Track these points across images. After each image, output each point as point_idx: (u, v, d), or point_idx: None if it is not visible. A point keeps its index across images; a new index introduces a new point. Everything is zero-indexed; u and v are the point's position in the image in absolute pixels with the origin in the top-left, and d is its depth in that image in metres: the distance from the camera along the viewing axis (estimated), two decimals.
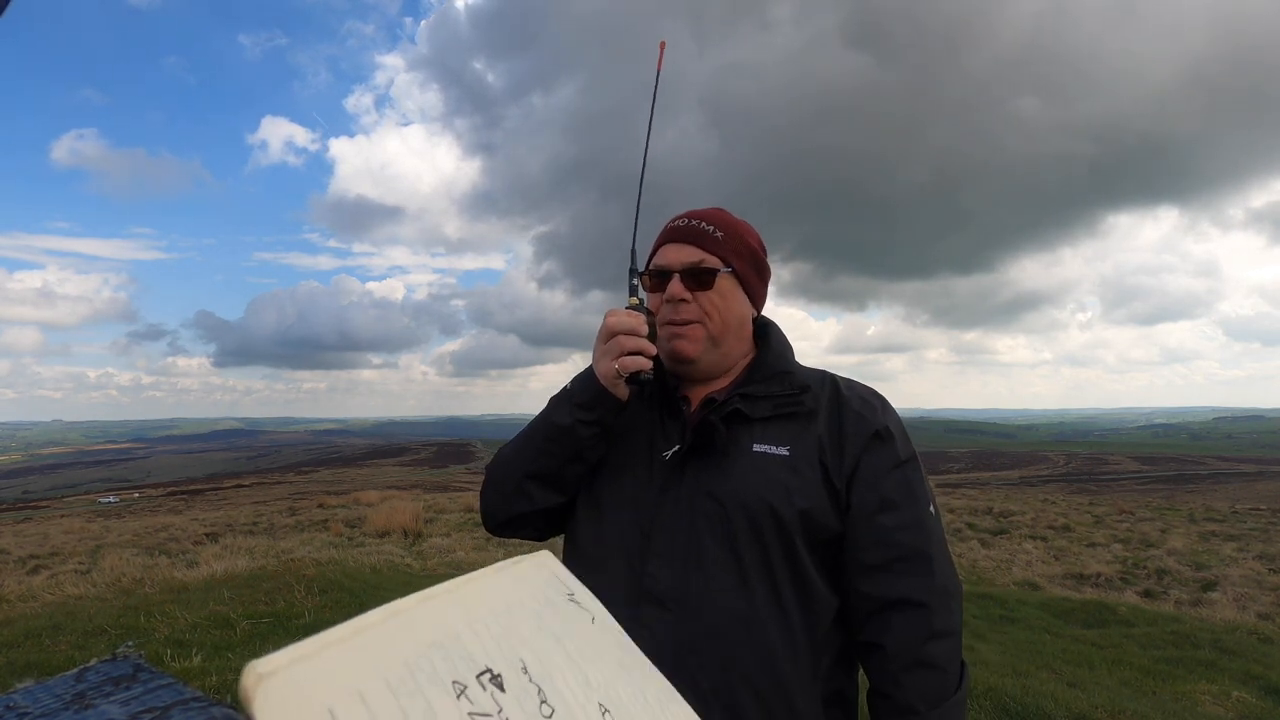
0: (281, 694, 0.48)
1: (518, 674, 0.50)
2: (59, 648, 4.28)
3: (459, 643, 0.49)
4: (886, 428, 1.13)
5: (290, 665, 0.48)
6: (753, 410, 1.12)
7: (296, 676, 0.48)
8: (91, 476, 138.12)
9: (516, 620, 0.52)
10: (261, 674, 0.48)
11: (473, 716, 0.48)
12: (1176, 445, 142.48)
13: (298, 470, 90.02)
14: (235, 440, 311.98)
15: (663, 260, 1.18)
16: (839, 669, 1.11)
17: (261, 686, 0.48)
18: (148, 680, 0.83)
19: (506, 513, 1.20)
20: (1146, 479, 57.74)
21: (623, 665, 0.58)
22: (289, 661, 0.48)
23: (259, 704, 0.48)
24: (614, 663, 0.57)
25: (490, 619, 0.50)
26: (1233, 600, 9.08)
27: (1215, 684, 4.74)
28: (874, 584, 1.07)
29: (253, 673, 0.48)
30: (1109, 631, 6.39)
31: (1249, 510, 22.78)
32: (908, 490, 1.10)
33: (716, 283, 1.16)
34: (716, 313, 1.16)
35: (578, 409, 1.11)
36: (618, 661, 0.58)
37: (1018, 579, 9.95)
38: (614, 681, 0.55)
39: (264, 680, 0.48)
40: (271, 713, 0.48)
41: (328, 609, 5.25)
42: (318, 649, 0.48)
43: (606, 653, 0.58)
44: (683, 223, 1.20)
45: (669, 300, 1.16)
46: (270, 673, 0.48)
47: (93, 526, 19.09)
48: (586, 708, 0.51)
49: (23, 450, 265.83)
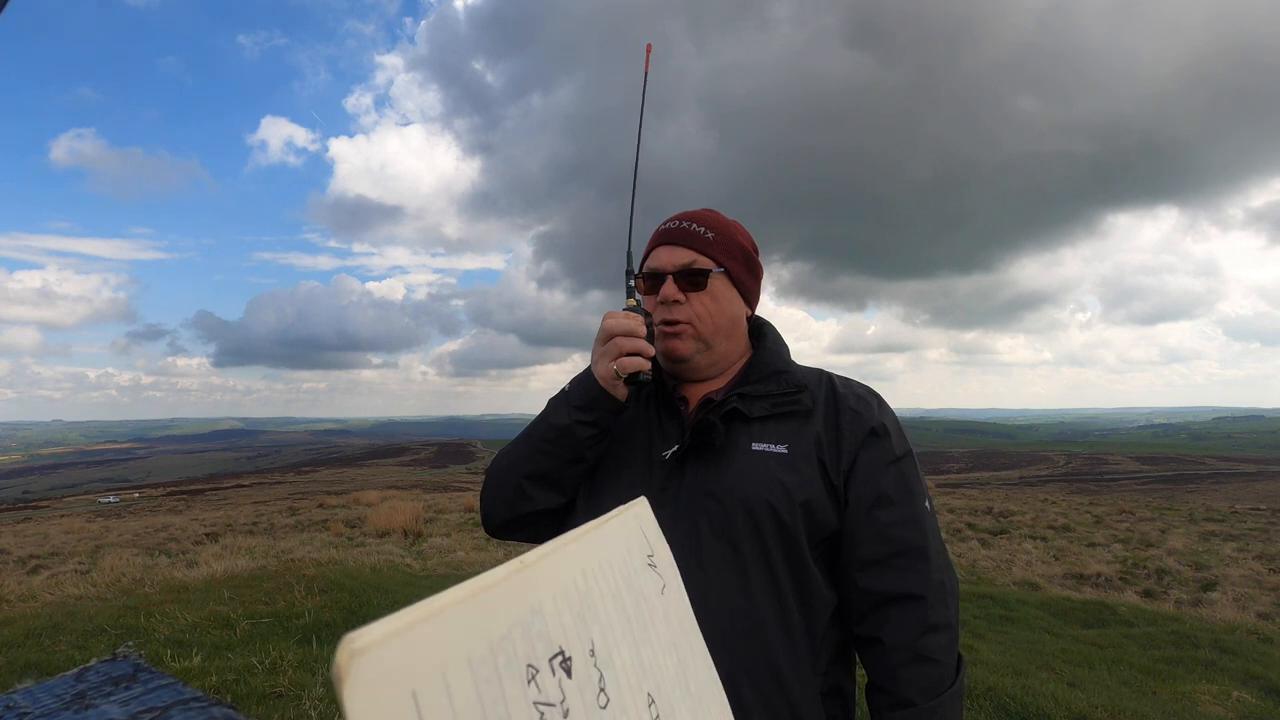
0: (369, 677, 0.48)
1: (585, 658, 0.49)
2: (59, 648, 4.28)
3: (540, 618, 0.49)
4: (883, 424, 1.14)
5: (382, 642, 0.48)
6: (750, 409, 1.13)
7: (386, 656, 0.48)
8: (91, 476, 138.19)
9: (594, 593, 0.52)
10: (354, 650, 0.48)
11: (538, 706, 0.48)
12: (1176, 445, 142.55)
13: (298, 470, 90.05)
14: (235, 440, 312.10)
15: (655, 263, 1.20)
16: (838, 664, 1.12)
17: (354, 665, 0.48)
18: (148, 680, 0.83)
19: (507, 514, 1.20)
20: (1146, 479, 57.77)
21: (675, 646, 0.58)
22: (381, 638, 0.48)
23: (349, 688, 0.48)
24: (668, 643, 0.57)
25: (573, 591, 0.50)
26: (1233, 600, 9.08)
27: (1215, 684, 4.74)
28: (871, 579, 1.08)
29: (346, 649, 0.48)
30: (1109, 631, 6.39)
31: (1249, 510, 22.78)
32: (904, 486, 1.11)
33: (709, 284, 1.17)
34: (709, 314, 1.17)
35: (576, 410, 1.12)
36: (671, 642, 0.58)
37: (1018, 579, 9.96)
38: (664, 665, 0.55)
39: (355, 659, 0.48)
40: (358, 697, 0.48)
41: (328, 609, 5.25)
42: (409, 623, 0.48)
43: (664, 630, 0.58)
44: (674, 224, 1.21)
45: (662, 302, 1.17)
46: (363, 650, 0.48)
47: (93, 526, 19.11)
48: (637, 698, 0.51)
49: (22, 450, 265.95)
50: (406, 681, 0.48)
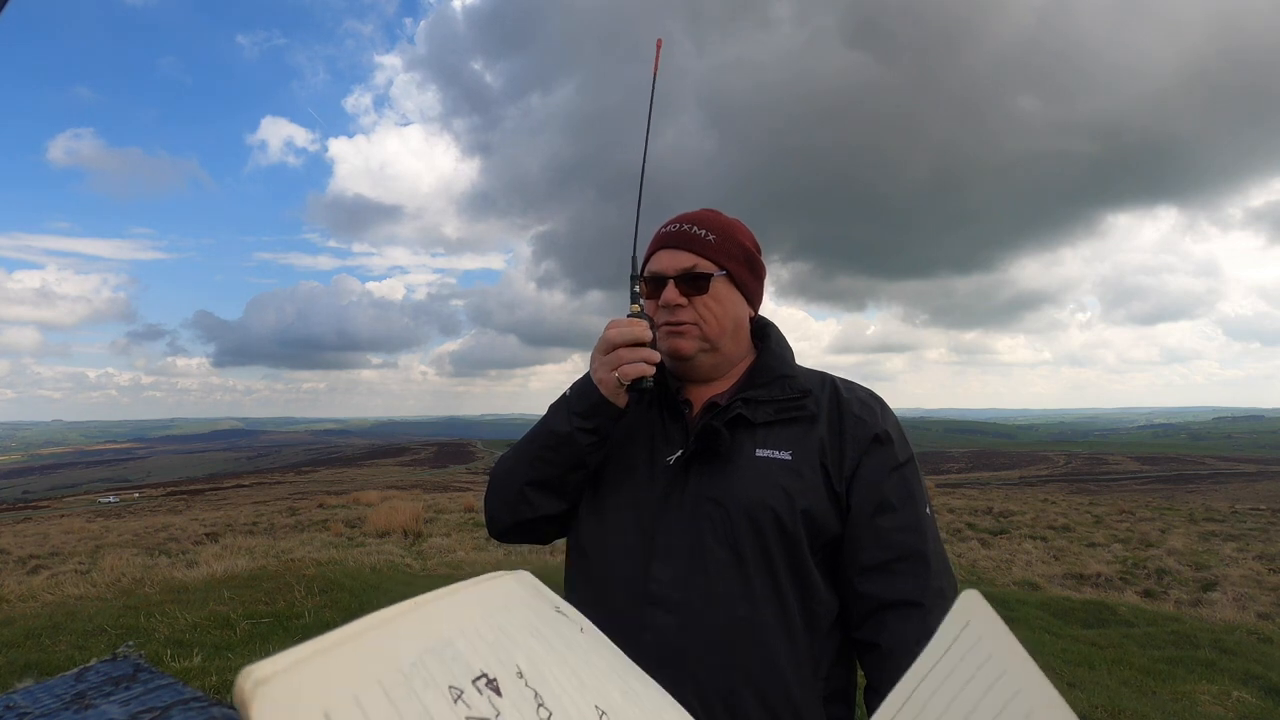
0: (277, 700, 0.48)
1: (514, 678, 0.49)
2: (59, 648, 4.28)
3: (453, 648, 0.49)
4: (886, 431, 1.14)
5: (287, 670, 0.49)
6: (755, 414, 1.13)
7: (292, 682, 0.48)
8: (91, 476, 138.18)
9: (509, 628, 0.52)
10: (258, 679, 0.49)
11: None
12: (1176, 445, 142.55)
13: (298, 470, 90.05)
14: (235, 440, 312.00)
15: (656, 267, 1.19)
16: (839, 668, 1.12)
17: (258, 692, 0.49)
18: (148, 680, 0.83)
19: (510, 519, 1.20)
20: (1146, 479, 57.77)
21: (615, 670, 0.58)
22: (285, 666, 0.49)
23: (256, 709, 0.48)
24: (606, 668, 0.57)
25: (483, 626, 0.50)
26: (1233, 600, 9.08)
27: (1215, 684, 4.74)
28: (872, 584, 1.08)
29: (249, 678, 0.49)
30: (1109, 631, 6.39)
31: (1249, 510, 22.77)
32: (906, 492, 1.12)
33: (711, 287, 1.17)
34: (713, 317, 1.17)
35: (576, 417, 1.12)
36: (609, 667, 0.58)
37: (1018, 579, 9.95)
38: (608, 686, 0.55)
39: (260, 686, 0.49)
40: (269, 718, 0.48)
41: (328, 609, 5.25)
42: (312, 654, 0.49)
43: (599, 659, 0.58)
44: (674, 228, 1.20)
45: (664, 306, 1.17)
46: (266, 678, 0.49)
47: (93, 526, 19.10)
48: (584, 710, 0.51)
49: (22, 450, 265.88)
50: (319, 703, 0.48)
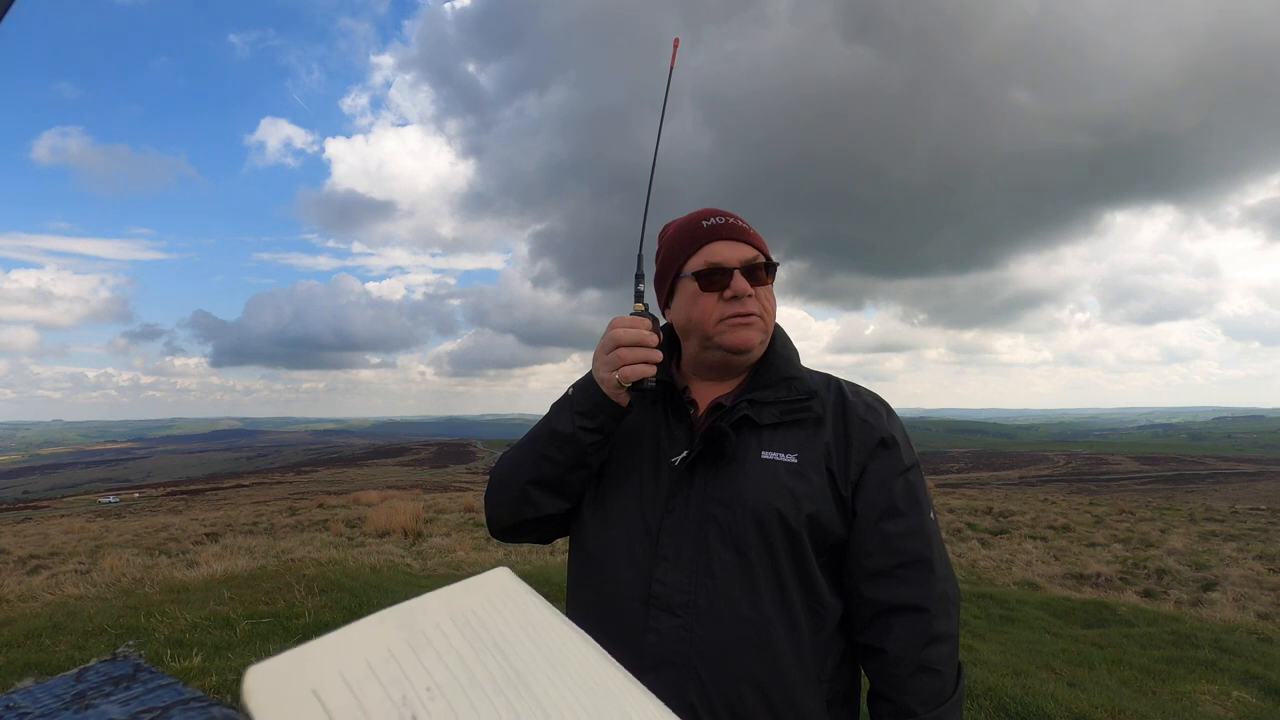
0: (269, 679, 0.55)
1: None
2: (59, 648, 4.28)
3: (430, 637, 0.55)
4: (892, 435, 1.14)
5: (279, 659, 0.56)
6: (761, 416, 1.12)
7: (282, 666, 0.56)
8: (91, 476, 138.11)
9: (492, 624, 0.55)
10: (254, 670, 0.56)
11: None
12: (1176, 445, 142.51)
13: (298, 470, 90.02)
14: (235, 440, 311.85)
15: (716, 258, 1.15)
16: (843, 671, 1.12)
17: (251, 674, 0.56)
18: (148, 680, 0.83)
19: (511, 519, 1.20)
20: (1146, 479, 57.75)
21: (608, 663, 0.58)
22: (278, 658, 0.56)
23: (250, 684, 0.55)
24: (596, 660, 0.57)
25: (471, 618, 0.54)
26: (1233, 600, 9.08)
27: (1215, 684, 4.74)
28: (877, 589, 1.08)
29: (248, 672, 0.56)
30: (1109, 631, 6.39)
31: (1249, 510, 22.78)
32: (912, 497, 1.12)
33: (772, 278, 1.19)
34: (771, 309, 1.18)
35: (579, 416, 1.11)
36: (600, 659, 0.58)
37: (1018, 579, 9.95)
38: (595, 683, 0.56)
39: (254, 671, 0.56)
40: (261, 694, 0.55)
41: (328, 609, 5.25)
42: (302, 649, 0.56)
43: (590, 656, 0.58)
44: (721, 220, 1.18)
45: (735, 296, 1.14)
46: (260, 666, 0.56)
47: (93, 526, 19.10)
48: None
49: (22, 450, 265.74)
50: (306, 683, 0.55)
